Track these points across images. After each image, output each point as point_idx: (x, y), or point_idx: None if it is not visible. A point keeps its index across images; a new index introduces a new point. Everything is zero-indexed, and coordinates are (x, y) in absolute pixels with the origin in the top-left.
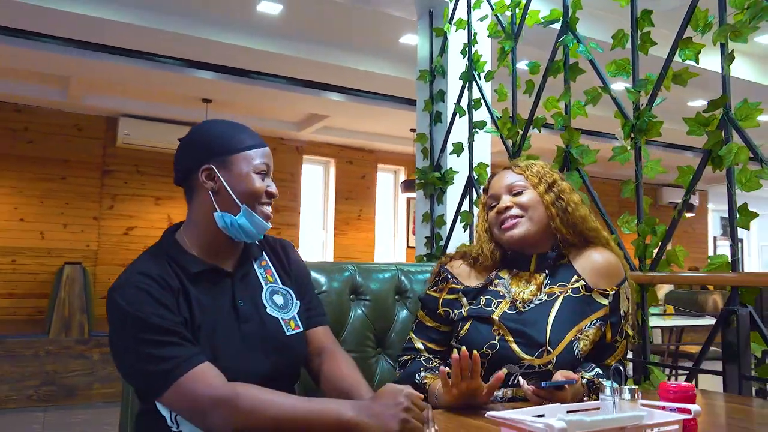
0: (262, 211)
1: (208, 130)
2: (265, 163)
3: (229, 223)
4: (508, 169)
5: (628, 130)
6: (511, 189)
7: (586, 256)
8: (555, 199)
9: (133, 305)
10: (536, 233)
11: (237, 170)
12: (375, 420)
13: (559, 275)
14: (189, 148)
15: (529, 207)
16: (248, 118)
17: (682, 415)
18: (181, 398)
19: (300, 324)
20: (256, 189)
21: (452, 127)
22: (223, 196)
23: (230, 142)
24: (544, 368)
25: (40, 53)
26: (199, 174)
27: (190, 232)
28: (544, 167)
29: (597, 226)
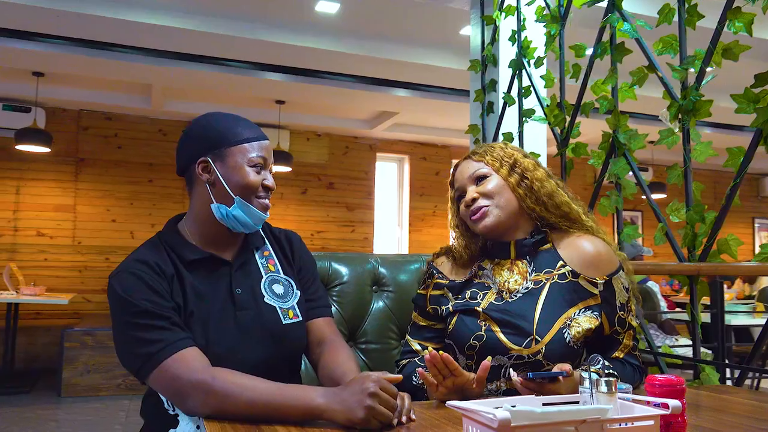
0: (259, 203)
1: (206, 122)
2: (262, 156)
3: (225, 214)
4: (468, 158)
5: (675, 111)
6: (474, 178)
7: (573, 245)
8: (520, 180)
9: (126, 291)
10: (508, 218)
11: (232, 163)
12: (342, 406)
13: (543, 261)
14: (188, 140)
15: (495, 194)
16: (321, 117)
17: (659, 411)
18: (165, 381)
19: (299, 314)
20: (250, 182)
21: (503, 117)
22: (219, 188)
23: (226, 135)
24: (533, 358)
25: (124, 63)
26: (196, 166)
27: (191, 223)
28: (504, 149)
29: (566, 200)
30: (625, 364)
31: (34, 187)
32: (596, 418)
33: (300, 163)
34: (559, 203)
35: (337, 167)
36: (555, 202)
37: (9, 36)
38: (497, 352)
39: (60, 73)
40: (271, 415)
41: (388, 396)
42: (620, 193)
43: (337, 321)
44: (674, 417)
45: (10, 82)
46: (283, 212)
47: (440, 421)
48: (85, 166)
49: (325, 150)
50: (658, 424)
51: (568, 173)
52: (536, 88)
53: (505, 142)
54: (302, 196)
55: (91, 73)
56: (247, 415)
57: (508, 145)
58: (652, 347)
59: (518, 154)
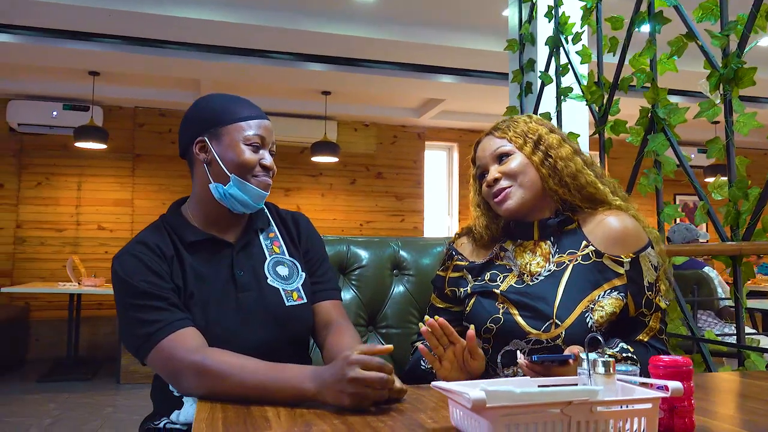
0: (257, 180)
1: (204, 103)
2: (259, 135)
3: (223, 193)
4: (489, 134)
5: (715, 81)
6: (497, 156)
7: (597, 221)
8: (544, 158)
9: (126, 272)
10: (532, 199)
11: (227, 141)
12: (329, 392)
13: (567, 242)
14: (186, 122)
15: (518, 173)
16: (369, 107)
17: (658, 393)
18: (161, 361)
19: (303, 296)
20: (246, 160)
21: (541, 97)
22: (215, 168)
23: (222, 114)
24: (552, 343)
25: (173, 59)
26: (194, 146)
27: (193, 205)
28: (528, 123)
29: (592, 180)
30: (648, 348)
31: (94, 182)
32: (584, 400)
33: (348, 153)
34: (583, 184)
35: (385, 157)
36: (579, 183)
37: (65, 37)
38: (515, 336)
39: (114, 72)
40: (262, 396)
41: (372, 374)
42: (660, 171)
43: (356, 305)
44: (679, 401)
45: (68, 82)
46: (332, 203)
47: (437, 403)
48: (141, 162)
49: (372, 140)
50: (657, 407)
51: (607, 152)
52: (573, 65)
53: (530, 115)
54: (351, 186)
55: (143, 70)
56: (239, 395)
57: (533, 119)
58: (694, 333)
59: (543, 129)
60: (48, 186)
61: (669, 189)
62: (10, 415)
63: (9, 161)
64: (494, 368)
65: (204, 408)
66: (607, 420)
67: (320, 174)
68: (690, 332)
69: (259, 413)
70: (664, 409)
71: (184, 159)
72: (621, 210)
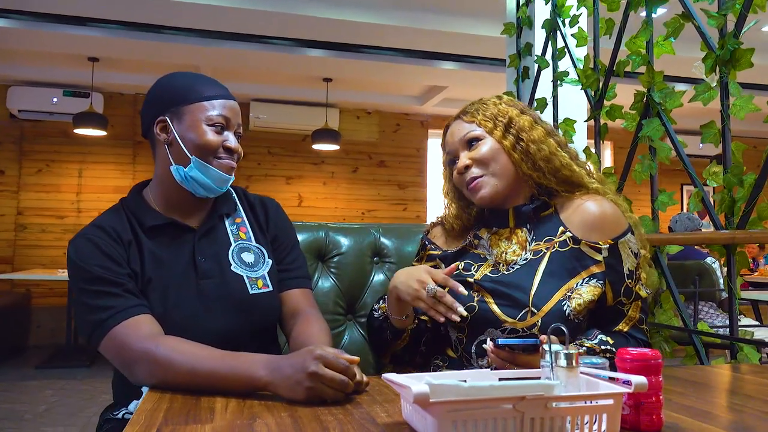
0: (219, 163)
1: (167, 81)
2: (223, 116)
3: (183, 176)
4: (458, 118)
5: (711, 63)
6: (466, 141)
7: (575, 206)
8: (515, 142)
9: (80, 256)
10: (507, 186)
11: (189, 121)
12: (284, 383)
13: (544, 229)
14: (148, 100)
15: (489, 159)
16: (371, 94)
17: (619, 388)
18: (113, 349)
19: (269, 283)
20: (207, 141)
21: (538, 81)
22: (176, 149)
23: (185, 93)
24: (528, 332)
25: (172, 45)
26: (155, 126)
27: (154, 188)
28: (497, 104)
29: (567, 163)
30: (628, 339)
31: (95, 169)
32: (538, 395)
33: (350, 141)
34: (557, 167)
35: (388, 145)
36: (553, 165)
37: (63, 22)
38: (489, 325)
39: (114, 58)
40: (213, 385)
41: (333, 374)
42: (654, 157)
43: (335, 294)
44: (646, 396)
45: (68, 68)
46: (334, 191)
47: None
48: (142, 149)
49: (375, 128)
50: (619, 403)
51: (602, 138)
52: (570, 49)
53: (500, 96)
54: (353, 174)
55: (142, 56)
56: (191, 384)
57: (503, 100)
58: (687, 324)
59: (513, 111)
60: (49, 173)
61: (675, 179)
62: (6, 402)
63: (10, 148)
64: (468, 359)
65: (151, 398)
66: (563, 416)
67: (322, 162)
68: (683, 323)
69: (207, 404)
70: (630, 405)
71: (146, 139)
72: (598, 193)
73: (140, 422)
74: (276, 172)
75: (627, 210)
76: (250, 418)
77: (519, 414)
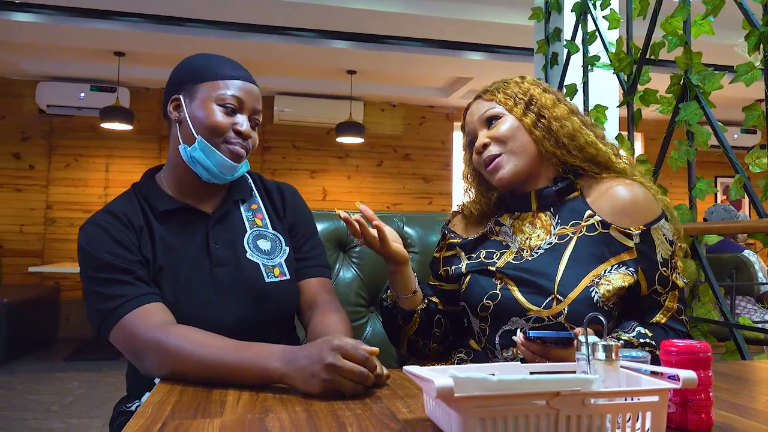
0: (227, 148)
1: (187, 62)
2: (236, 96)
3: (189, 156)
4: (478, 98)
5: (755, 41)
6: (485, 120)
7: (602, 190)
8: (537, 119)
9: (90, 243)
10: (528, 165)
11: (199, 99)
12: (299, 374)
13: (570, 212)
14: (168, 82)
15: (508, 137)
16: (396, 87)
17: (666, 384)
18: (123, 339)
19: (287, 272)
20: (216, 122)
21: (567, 67)
22: (185, 127)
23: (201, 71)
24: (554, 320)
25: (196, 38)
26: (169, 104)
27: (167, 170)
28: (519, 84)
29: (592, 141)
30: (667, 331)
31: (122, 164)
32: (575, 391)
33: (374, 134)
34: (582, 144)
35: (413, 138)
36: (578, 143)
37: (88, 16)
38: (514, 314)
39: (139, 53)
40: (226, 377)
41: (352, 365)
42: (692, 143)
43: (356, 284)
44: (694, 393)
45: (94, 63)
46: (359, 185)
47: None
48: (167, 143)
49: (400, 120)
50: (665, 400)
51: (635, 124)
52: (602, 32)
53: (523, 76)
54: (377, 168)
55: (167, 50)
56: (202, 376)
57: (526, 79)
58: (728, 318)
59: (535, 89)
60: (77, 167)
61: (709, 170)
62: (33, 393)
63: (39, 143)
64: (492, 350)
65: (161, 390)
66: (603, 414)
67: (347, 155)
68: (722, 317)
69: (218, 397)
70: (676, 402)
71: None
72: (626, 175)
73: (146, 415)
74: (300, 165)
75: (658, 193)
76: (262, 413)
77: (553, 411)
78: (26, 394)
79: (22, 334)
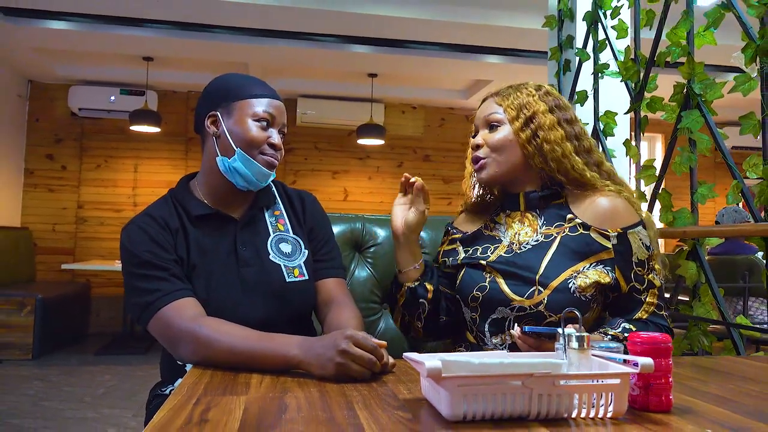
0: (263, 158)
1: (220, 81)
2: (268, 113)
3: (227, 167)
4: (492, 96)
5: (751, 53)
6: (488, 122)
7: (587, 203)
8: (531, 137)
9: (131, 242)
10: (507, 173)
11: (237, 116)
12: (315, 360)
13: (554, 215)
14: (202, 98)
15: (499, 148)
16: (416, 89)
17: (626, 369)
18: (160, 329)
19: (305, 272)
20: (253, 136)
21: (579, 74)
22: (224, 141)
23: (236, 91)
24: (535, 309)
25: (222, 44)
26: (206, 120)
27: (201, 179)
28: (530, 95)
29: (579, 168)
30: (649, 325)
31: (150, 165)
32: (545, 373)
33: (395, 136)
34: (568, 169)
35: (433, 139)
36: (563, 167)
37: (119, 23)
38: (500, 304)
39: (167, 57)
40: (251, 363)
41: (362, 352)
42: (694, 149)
43: (371, 283)
44: (655, 378)
45: (124, 67)
46: (379, 185)
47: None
48: (194, 145)
49: (420, 122)
50: (626, 383)
51: (642, 130)
52: (611, 41)
53: (540, 86)
54: (398, 169)
55: (194, 55)
56: (230, 362)
57: (541, 91)
58: (725, 318)
59: (541, 106)
60: (107, 168)
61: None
62: (68, 385)
63: (71, 144)
64: (483, 337)
65: (194, 374)
66: (571, 394)
67: (367, 157)
68: (721, 316)
69: (244, 380)
70: (640, 386)
71: (198, 134)
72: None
73: (182, 393)
74: (322, 166)
75: (642, 210)
76: (282, 392)
77: (528, 390)
78: (61, 386)
79: (56, 328)
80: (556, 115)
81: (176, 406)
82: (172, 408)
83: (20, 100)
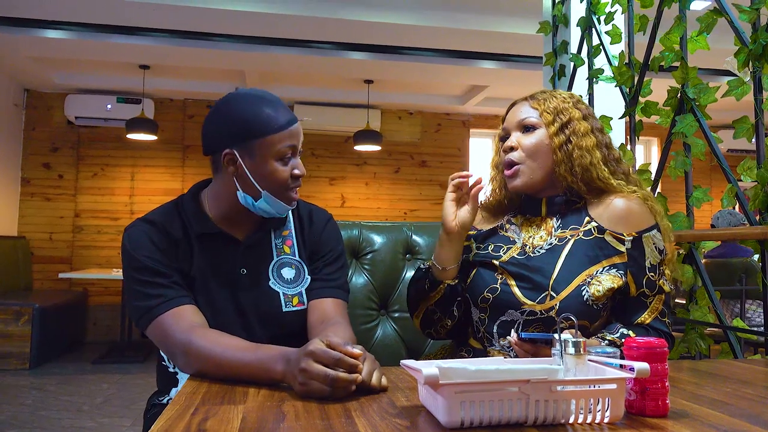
0: (287, 196)
1: (232, 110)
2: (290, 145)
3: (251, 204)
4: (525, 100)
5: (744, 58)
6: (523, 125)
7: (605, 204)
8: (564, 143)
9: (132, 245)
10: (542, 179)
11: (259, 157)
12: (290, 376)
13: (572, 219)
14: (213, 126)
15: (533, 152)
16: (412, 95)
17: (623, 374)
18: (158, 336)
19: (305, 301)
20: (280, 177)
21: (574, 79)
22: (246, 181)
23: (252, 126)
24: (546, 314)
25: (218, 52)
26: (221, 156)
27: (212, 198)
28: (565, 101)
29: (604, 177)
30: (649, 331)
31: (146, 173)
32: (542, 379)
33: (391, 142)
34: (593, 177)
35: (429, 145)
36: (589, 175)
37: (115, 32)
38: (510, 307)
39: (164, 65)
40: (242, 376)
41: (320, 368)
42: (688, 154)
43: (368, 290)
44: (651, 383)
45: (121, 76)
46: (376, 191)
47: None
48: (191, 152)
49: (417, 128)
50: (622, 388)
51: (637, 134)
52: (605, 46)
53: (572, 95)
54: (395, 174)
55: (190, 63)
56: (222, 374)
57: (574, 98)
58: (722, 321)
59: (576, 114)
60: (104, 177)
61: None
62: (65, 394)
63: (68, 153)
64: (490, 339)
65: (191, 383)
66: (568, 399)
67: (364, 163)
68: (718, 320)
69: (242, 389)
70: (636, 390)
71: (207, 156)
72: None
73: (181, 402)
74: (320, 173)
75: (662, 215)
76: (280, 401)
77: (524, 396)
78: (59, 395)
79: (53, 337)
80: (590, 123)
81: (174, 416)
82: (170, 417)
83: (17, 109)
